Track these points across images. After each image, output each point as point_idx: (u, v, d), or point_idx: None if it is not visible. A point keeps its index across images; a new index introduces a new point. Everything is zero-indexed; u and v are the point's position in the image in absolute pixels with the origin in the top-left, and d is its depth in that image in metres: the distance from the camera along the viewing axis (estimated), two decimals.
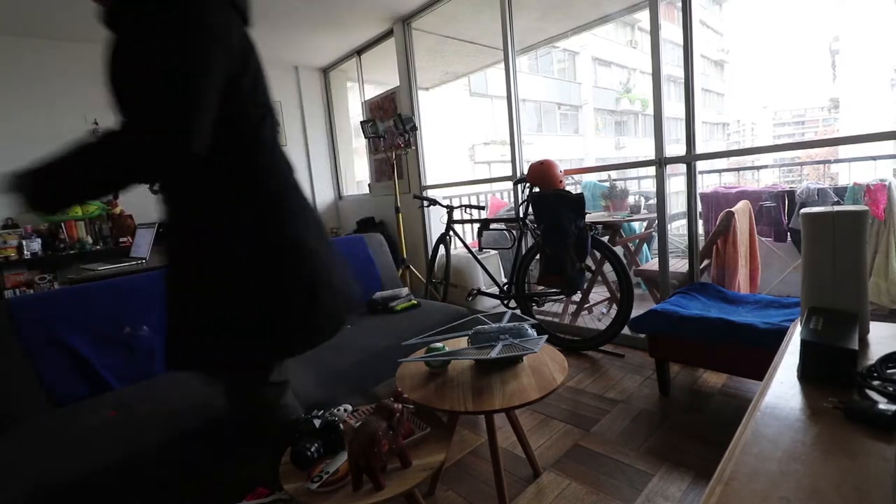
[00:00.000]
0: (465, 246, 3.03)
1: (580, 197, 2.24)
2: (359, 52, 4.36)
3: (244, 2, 1.03)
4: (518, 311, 1.91)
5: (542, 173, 2.46)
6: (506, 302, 2.72)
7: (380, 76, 4.71)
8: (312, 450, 1.03)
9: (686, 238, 2.46)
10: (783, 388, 0.59)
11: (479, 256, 2.97)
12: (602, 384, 2.13)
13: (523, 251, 2.70)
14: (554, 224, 2.28)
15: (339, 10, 3.41)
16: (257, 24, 1.06)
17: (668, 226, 2.45)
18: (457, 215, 3.05)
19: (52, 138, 3.48)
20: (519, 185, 2.72)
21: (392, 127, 3.53)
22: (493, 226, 3.05)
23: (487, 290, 2.90)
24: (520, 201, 2.68)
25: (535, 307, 2.74)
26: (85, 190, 0.91)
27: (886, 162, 3.09)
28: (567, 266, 2.25)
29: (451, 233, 3.06)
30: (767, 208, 3.04)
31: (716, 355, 1.78)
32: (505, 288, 2.72)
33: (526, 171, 2.57)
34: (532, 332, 1.40)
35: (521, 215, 2.60)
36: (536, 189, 2.49)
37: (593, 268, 2.68)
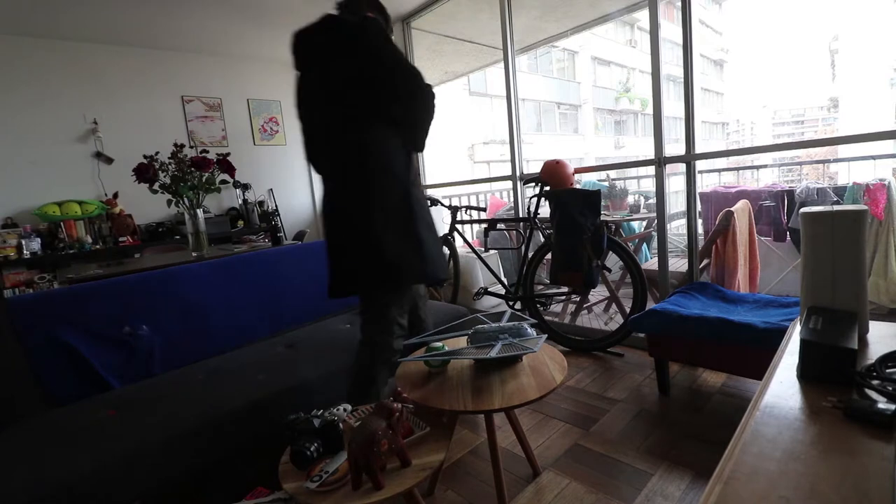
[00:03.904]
0: (470, 246, 3.03)
1: (596, 195, 2.24)
2: None
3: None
4: (518, 311, 1.91)
5: (557, 172, 2.47)
6: (511, 303, 2.71)
7: None
8: (312, 449, 1.03)
9: (685, 237, 2.46)
10: (782, 388, 0.59)
11: (482, 256, 2.97)
12: (601, 383, 2.13)
13: (531, 251, 2.68)
14: (570, 221, 2.27)
15: None
16: (257, 23, 1.07)
17: (668, 225, 2.45)
18: (458, 215, 3.05)
19: (52, 138, 3.51)
20: (530, 184, 2.71)
21: None
22: (497, 226, 3.04)
23: (493, 291, 2.90)
24: (528, 200, 2.67)
25: (541, 308, 2.72)
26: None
27: (886, 161, 3.09)
28: (584, 263, 2.25)
29: (455, 233, 3.06)
30: (767, 208, 3.04)
31: (715, 355, 1.78)
32: (511, 288, 2.70)
33: (538, 170, 2.56)
34: (531, 331, 1.40)
35: (532, 214, 2.58)
36: (547, 188, 2.49)
37: (609, 267, 2.68)
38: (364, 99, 1.49)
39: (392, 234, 1.46)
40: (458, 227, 3.09)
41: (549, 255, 2.49)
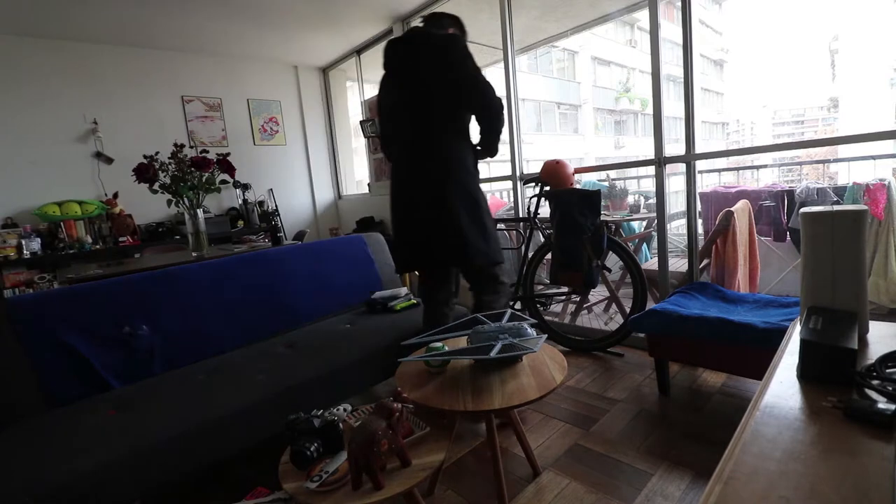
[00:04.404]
0: None
1: (596, 195, 2.24)
2: (358, 51, 4.36)
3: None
4: (518, 311, 1.91)
5: (557, 172, 2.46)
6: (511, 303, 2.70)
7: (379, 75, 4.70)
8: (312, 449, 1.03)
9: (685, 237, 2.46)
10: (782, 388, 0.59)
11: None
12: (601, 383, 2.13)
13: (531, 251, 2.68)
14: (570, 221, 2.27)
15: (338, 9, 3.41)
16: (257, 23, 1.07)
17: (668, 225, 2.45)
18: None
19: (52, 138, 3.51)
20: (530, 184, 2.70)
21: None
22: (497, 225, 3.03)
23: None
24: (528, 200, 2.66)
25: (541, 308, 2.72)
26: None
27: (886, 161, 3.09)
28: (584, 262, 2.26)
29: None
30: (767, 208, 3.04)
31: (715, 355, 1.78)
32: (511, 288, 2.70)
33: (538, 170, 2.56)
34: (531, 331, 1.40)
35: (532, 214, 2.58)
36: (547, 188, 2.49)
37: (609, 267, 2.67)
38: (445, 104, 1.76)
39: (466, 221, 1.74)
40: None
41: (549, 255, 2.49)
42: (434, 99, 1.76)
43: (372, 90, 4.47)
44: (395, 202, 1.87)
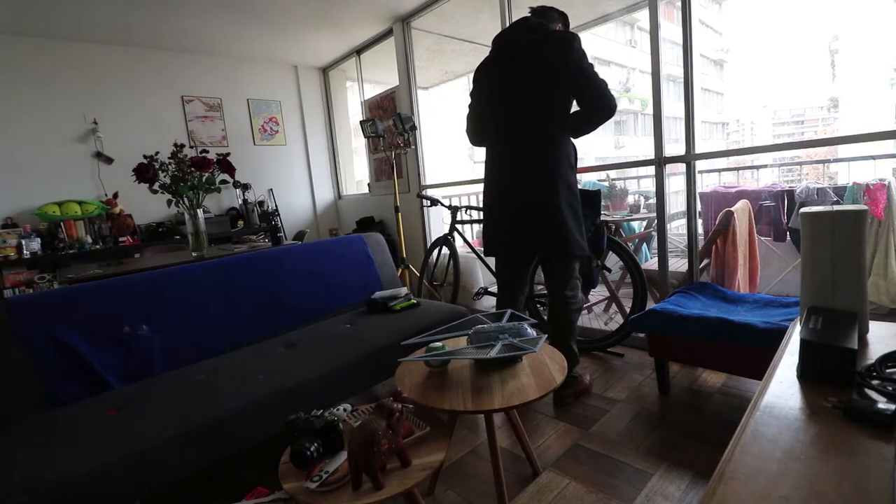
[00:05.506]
0: (470, 246, 3.03)
1: (596, 194, 2.24)
2: (358, 51, 4.36)
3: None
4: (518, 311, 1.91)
5: None
6: None
7: (379, 75, 4.72)
8: (312, 449, 1.03)
9: (685, 237, 2.46)
10: (782, 388, 0.59)
11: (482, 257, 2.97)
12: (601, 383, 2.13)
13: None
14: None
15: (338, 9, 3.41)
16: (257, 23, 1.07)
17: (668, 225, 2.45)
18: (458, 215, 3.05)
19: (52, 138, 3.51)
20: None
21: (391, 126, 3.53)
22: None
23: (493, 291, 2.90)
24: None
25: (541, 308, 2.72)
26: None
27: (886, 161, 3.08)
28: (584, 262, 2.25)
29: (455, 233, 3.05)
30: (767, 208, 3.04)
31: (715, 355, 1.78)
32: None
33: None
34: (531, 331, 1.40)
35: None
36: None
37: (610, 268, 2.67)
38: (559, 99, 1.82)
39: (569, 217, 1.83)
40: (458, 227, 3.09)
41: None
42: (551, 93, 1.80)
43: (372, 90, 4.48)
44: (496, 193, 1.94)
